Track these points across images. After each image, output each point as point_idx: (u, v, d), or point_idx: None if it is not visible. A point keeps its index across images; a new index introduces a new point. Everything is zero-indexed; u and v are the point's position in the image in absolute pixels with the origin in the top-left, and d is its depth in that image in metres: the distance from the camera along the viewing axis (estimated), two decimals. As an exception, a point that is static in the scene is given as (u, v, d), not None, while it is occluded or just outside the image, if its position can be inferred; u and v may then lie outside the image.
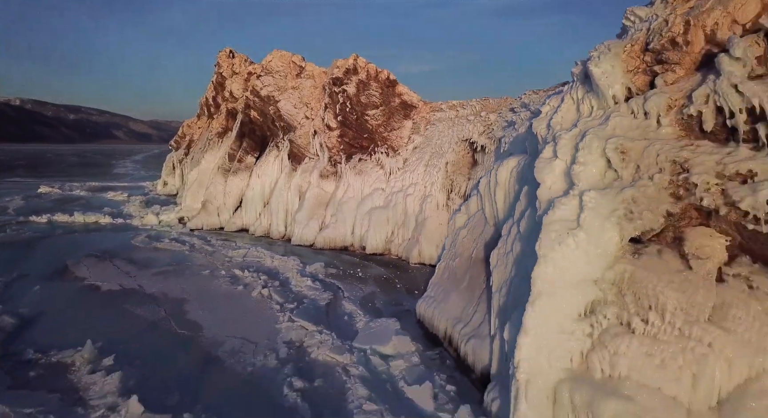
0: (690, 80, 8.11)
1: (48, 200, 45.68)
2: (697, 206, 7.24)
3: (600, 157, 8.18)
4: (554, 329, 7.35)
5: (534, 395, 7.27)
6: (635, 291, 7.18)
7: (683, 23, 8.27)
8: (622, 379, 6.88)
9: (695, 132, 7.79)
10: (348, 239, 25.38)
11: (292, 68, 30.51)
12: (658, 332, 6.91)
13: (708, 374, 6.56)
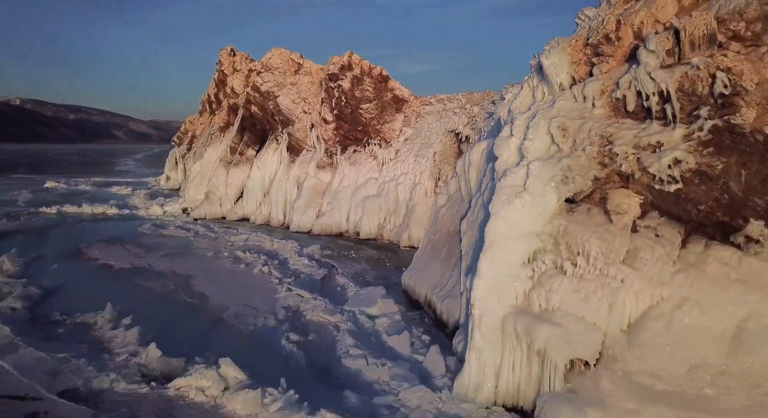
0: (620, 69, 9.70)
1: (55, 194, 47.30)
2: (618, 172, 8.83)
3: (546, 134, 9.77)
4: (503, 273, 8.95)
5: (486, 326, 8.87)
6: (567, 241, 8.78)
7: (615, 22, 9.86)
8: (554, 310, 8.48)
9: (621, 112, 9.38)
10: (343, 226, 27.00)
11: (291, 65, 32.10)
12: (583, 273, 8.51)
13: (620, 304, 8.16)
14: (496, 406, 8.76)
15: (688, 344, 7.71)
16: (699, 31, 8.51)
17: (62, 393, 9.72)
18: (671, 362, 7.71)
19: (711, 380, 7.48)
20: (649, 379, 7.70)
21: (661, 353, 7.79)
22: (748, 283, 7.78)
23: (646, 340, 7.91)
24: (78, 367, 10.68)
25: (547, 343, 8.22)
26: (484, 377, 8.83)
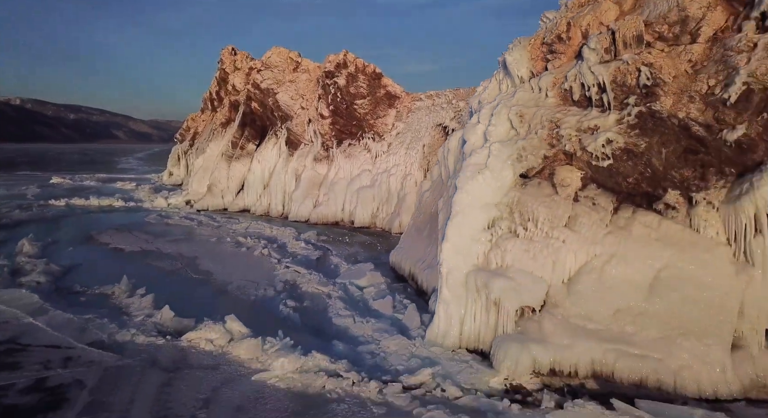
0: (569, 65, 11.28)
1: (61, 189, 48.83)
2: (564, 151, 10.41)
3: (506, 120, 11.35)
4: (466, 238, 10.54)
5: (452, 282, 10.47)
6: (520, 210, 10.36)
7: (566, 24, 11.44)
8: (508, 267, 10.07)
9: (568, 101, 10.97)
10: (338, 215, 28.58)
11: (290, 63, 33.68)
12: (532, 236, 10.10)
13: (561, 261, 9.75)
14: (460, 349, 10.36)
15: (614, 291, 9.31)
16: (630, 33, 10.10)
17: (90, 343, 11.31)
18: (600, 306, 9.31)
19: (631, 319, 9.08)
20: (582, 320, 9.30)
21: (592, 299, 9.39)
22: (664, 241, 9.37)
23: (581, 289, 9.51)
24: (102, 325, 12.28)
25: (502, 294, 9.81)
26: (451, 326, 10.44)
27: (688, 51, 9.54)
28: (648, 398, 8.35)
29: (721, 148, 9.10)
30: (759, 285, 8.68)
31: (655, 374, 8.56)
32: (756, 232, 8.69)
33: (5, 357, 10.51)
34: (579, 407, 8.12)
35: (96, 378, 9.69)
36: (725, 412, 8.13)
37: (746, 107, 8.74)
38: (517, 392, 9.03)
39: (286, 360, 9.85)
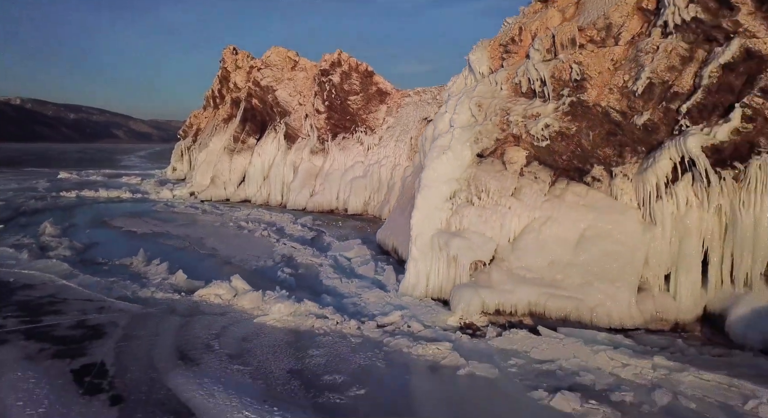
0: (520, 63, 13.40)
1: (70, 183, 50.92)
2: (512, 134, 12.55)
3: (467, 109, 13.47)
4: (432, 206, 12.67)
5: (420, 243, 12.61)
6: (476, 183, 12.50)
7: (518, 28, 13.57)
8: (464, 229, 12.21)
9: (518, 93, 13.10)
10: (333, 203, 30.73)
11: (288, 62, 35.82)
12: (485, 204, 12.24)
13: (507, 224, 11.89)
14: (426, 298, 12.50)
15: (548, 247, 11.45)
16: (566, 36, 12.24)
17: (118, 298, 13.42)
18: (537, 259, 11.45)
19: (561, 269, 11.22)
20: (523, 271, 11.44)
21: (531, 254, 11.53)
22: (589, 206, 11.51)
23: (523, 246, 11.65)
24: (125, 285, 14.41)
25: (459, 251, 11.95)
26: (419, 279, 12.59)
27: (611, 52, 11.67)
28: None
29: (633, 130, 11.24)
30: (660, 241, 10.82)
31: (577, 310, 10.70)
32: (657, 197, 10.82)
33: (49, 306, 12.65)
34: (513, 335, 10.28)
35: (126, 320, 11.82)
36: (629, 337, 10.29)
37: (650, 97, 10.87)
38: (468, 327, 11.17)
39: (282, 306, 11.99)
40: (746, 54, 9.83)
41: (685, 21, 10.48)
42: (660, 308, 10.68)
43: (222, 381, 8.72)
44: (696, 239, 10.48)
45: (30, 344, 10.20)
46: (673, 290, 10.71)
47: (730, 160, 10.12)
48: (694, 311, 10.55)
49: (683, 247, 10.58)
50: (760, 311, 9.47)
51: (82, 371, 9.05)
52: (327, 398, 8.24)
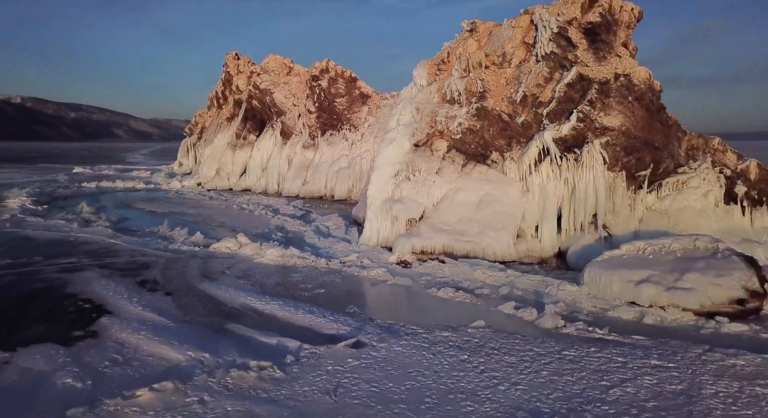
0: (448, 78, 18.38)
1: (86, 176, 55.81)
2: (438, 130, 17.54)
3: (409, 112, 18.44)
4: (382, 182, 17.66)
5: (373, 207, 17.61)
6: (412, 165, 17.48)
7: (447, 52, 18.55)
8: (403, 197, 17.19)
9: (445, 100, 18.07)
10: (322, 191, 35.71)
11: (284, 68, 40.79)
12: (417, 179, 17.21)
13: (432, 193, 16.88)
14: (377, 246, 17.48)
15: (458, 208, 16.45)
16: (476, 60, 17.24)
17: (154, 249, 18.42)
18: (450, 216, 16.44)
19: (466, 223, 16.22)
20: (441, 225, 16.44)
21: (447, 213, 16.52)
22: (487, 180, 16.51)
23: (442, 208, 16.65)
24: (157, 242, 19.40)
25: (399, 213, 16.93)
26: (372, 233, 17.59)
27: (504, 72, 16.67)
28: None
29: (516, 127, 16.24)
30: (531, 203, 15.81)
31: (474, 249, 15.70)
32: (530, 173, 15.82)
33: (107, 253, 17.65)
34: (429, 264, 15.27)
35: (163, 260, 16.80)
36: (506, 265, 15.28)
37: (525, 104, 15.86)
38: (402, 262, 16.13)
39: (274, 251, 16.99)
40: (580, 77, 14.85)
41: (547, 53, 15.48)
42: (530, 248, 15.69)
43: (233, 286, 13.72)
44: (553, 201, 15.48)
45: (103, 271, 15.20)
46: (539, 236, 15.72)
47: (571, 147, 15.13)
48: (552, 250, 15.56)
49: (545, 207, 15.59)
50: (585, 247, 14.47)
51: (142, 282, 14.07)
52: (300, 294, 13.23)
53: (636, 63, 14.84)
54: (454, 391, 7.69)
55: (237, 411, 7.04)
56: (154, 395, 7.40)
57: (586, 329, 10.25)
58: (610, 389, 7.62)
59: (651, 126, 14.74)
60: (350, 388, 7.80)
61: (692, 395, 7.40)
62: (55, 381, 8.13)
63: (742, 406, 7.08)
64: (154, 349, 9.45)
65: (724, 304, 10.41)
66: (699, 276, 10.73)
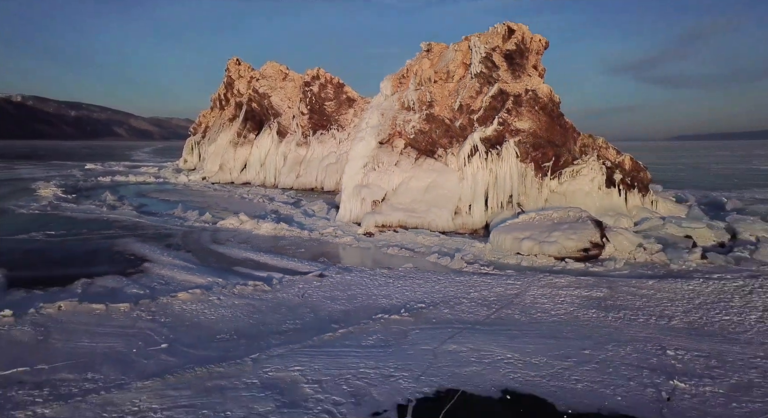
0: (406, 89, 23.06)
1: (98, 172, 60.53)
2: (398, 131, 22.24)
3: (376, 116, 23.13)
4: (354, 171, 22.38)
5: (346, 191, 22.35)
6: (377, 158, 22.18)
7: (407, 68, 23.24)
8: (370, 183, 21.91)
9: (403, 107, 22.76)
10: (313, 183, 40.41)
11: (280, 74, 45.48)
12: (380, 170, 21.92)
13: (392, 180, 21.57)
14: (350, 222, 22.19)
15: (411, 192, 21.15)
16: (427, 75, 21.95)
17: (172, 225, 23.13)
18: (405, 198, 21.16)
19: (417, 203, 20.92)
20: (397, 205, 21.14)
21: (403, 195, 21.22)
22: (434, 170, 21.22)
23: (399, 192, 21.36)
24: (175, 221, 24.11)
25: (366, 195, 21.65)
26: (345, 212, 22.32)
27: (447, 86, 21.37)
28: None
29: (455, 130, 20.95)
30: (466, 188, 20.52)
31: (422, 223, 20.40)
32: (465, 165, 20.52)
33: (135, 227, 22.36)
34: (387, 233, 19.98)
35: (181, 232, 21.51)
36: (446, 235, 19.99)
37: (462, 112, 20.57)
38: (367, 233, 20.83)
39: (268, 225, 21.70)
40: (501, 91, 19.57)
41: (478, 72, 20.19)
42: (464, 222, 20.41)
43: (236, 247, 18.44)
44: (481, 186, 20.18)
45: (137, 238, 19.92)
46: (472, 213, 20.43)
47: (494, 145, 19.85)
48: (480, 223, 20.26)
49: (476, 190, 20.29)
50: (503, 219, 19.17)
51: (168, 245, 18.77)
52: (286, 252, 17.93)
53: (541, 81, 19.53)
54: (376, 295, 12.43)
55: (241, 303, 11.77)
56: (188, 295, 12.11)
57: (479, 268, 14.99)
58: (472, 293, 12.35)
59: (552, 129, 19.43)
60: (312, 294, 12.54)
61: (520, 295, 12.14)
62: (126, 291, 12.85)
63: (547, 299, 11.80)
64: (184, 277, 14.21)
65: (575, 251, 15.14)
66: (561, 234, 15.46)
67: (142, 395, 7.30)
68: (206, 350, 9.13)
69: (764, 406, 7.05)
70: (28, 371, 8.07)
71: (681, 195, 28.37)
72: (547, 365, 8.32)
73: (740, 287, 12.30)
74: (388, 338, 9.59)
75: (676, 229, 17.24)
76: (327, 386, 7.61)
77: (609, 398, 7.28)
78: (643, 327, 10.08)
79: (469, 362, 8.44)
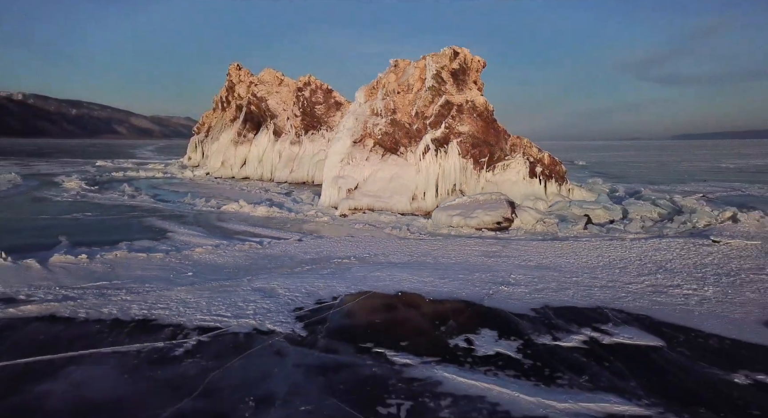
0: (375, 98, 28.09)
1: (111, 168, 65.70)
2: (368, 133, 27.30)
3: (352, 120, 28.17)
4: (333, 165, 27.45)
5: (327, 181, 27.44)
6: (351, 154, 27.25)
7: (377, 81, 28.28)
8: (345, 175, 26.98)
9: (374, 113, 27.81)
10: (305, 178, 45.48)
11: (276, 80, 50.53)
12: (354, 164, 26.98)
13: (363, 172, 26.67)
14: (329, 207, 27.26)
15: (378, 182, 26.23)
16: (392, 87, 27.04)
17: (183, 210, 28.21)
18: (374, 187, 26.23)
19: (382, 191, 26.00)
20: (367, 192, 26.22)
21: (371, 185, 26.29)
22: (397, 164, 26.30)
23: (369, 181, 26.43)
24: (185, 206, 29.20)
25: (342, 184, 26.73)
26: (326, 198, 27.43)
27: (408, 97, 26.45)
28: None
29: (413, 132, 26.02)
30: (422, 179, 25.58)
31: (386, 206, 25.47)
32: (420, 160, 25.58)
33: (154, 210, 27.44)
34: (357, 215, 25.07)
35: (192, 214, 26.59)
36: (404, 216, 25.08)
37: (418, 117, 25.64)
38: (342, 215, 25.88)
39: (263, 208, 26.79)
40: (447, 102, 24.66)
41: (431, 86, 25.28)
42: (419, 206, 25.48)
43: (236, 224, 23.53)
44: (433, 177, 25.26)
45: (157, 217, 25.00)
46: (425, 199, 25.49)
47: (442, 144, 24.94)
48: (432, 207, 25.31)
49: (428, 181, 25.37)
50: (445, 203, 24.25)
51: (183, 222, 23.85)
52: (275, 227, 23.02)
53: (480, 94, 24.58)
54: (338, 251, 17.51)
55: (240, 254, 16.87)
56: (203, 250, 17.20)
57: (419, 236, 20.07)
58: (405, 249, 17.45)
59: (488, 131, 24.47)
60: (291, 250, 17.64)
61: (437, 250, 17.23)
62: (157, 249, 17.93)
63: (454, 252, 16.87)
64: (198, 241, 19.29)
65: (490, 224, 20.23)
66: (482, 211, 20.55)
67: (181, 293, 12.38)
68: (218, 276, 14.20)
69: (554, 293, 12.19)
70: (108, 284, 13.14)
71: (613, 186, 33.49)
72: (431, 282, 13.40)
73: (594, 246, 17.40)
74: (336, 271, 14.68)
75: (578, 209, 22.34)
76: (292, 290, 12.69)
77: (458, 294, 12.39)
78: (508, 265, 15.18)
79: (383, 281, 13.52)
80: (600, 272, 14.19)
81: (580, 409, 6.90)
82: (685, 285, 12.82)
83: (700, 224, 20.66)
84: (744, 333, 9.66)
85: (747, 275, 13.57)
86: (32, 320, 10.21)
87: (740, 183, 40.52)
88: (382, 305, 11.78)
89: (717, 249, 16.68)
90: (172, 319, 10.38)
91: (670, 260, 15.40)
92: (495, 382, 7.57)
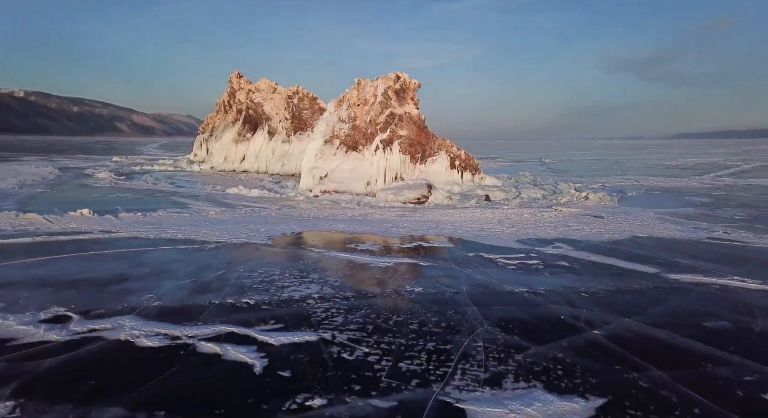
0: (342, 109, 36.98)
1: (126, 163, 74.62)
2: (336, 135, 36.21)
3: (324, 124, 37.06)
4: (309, 158, 36.38)
5: (305, 171, 36.43)
6: (322, 151, 36.15)
7: (342, 96, 37.17)
8: (318, 166, 35.95)
9: (341, 120, 36.68)
10: (294, 171, 54.33)
11: (270, 89, 59.45)
12: (324, 158, 35.91)
13: (330, 164, 35.64)
14: (306, 190, 36.18)
15: (342, 172, 35.17)
16: (353, 100, 36.02)
17: (197, 193, 37.17)
18: (339, 175, 35.16)
19: (344, 178, 34.95)
20: (335, 179, 35.20)
21: (337, 174, 35.23)
22: (356, 159, 35.25)
23: (335, 171, 35.37)
24: (197, 190, 38.17)
25: (315, 173, 35.66)
26: (303, 184, 36.40)
27: (365, 108, 35.39)
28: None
29: (369, 134, 35.01)
30: (375, 170, 34.53)
31: (348, 189, 34.41)
32: (373, 155, 34.54)
33: (175, 193, 36.42)
34: (326, 195, 34.05)
35: (203, 195, 35.55)
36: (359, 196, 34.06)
37: (371, 124, 34.57)
38: (315, 196, 34.79)
39: (256, 191, 35.75)
40: (391, 113, 33.68)
41: (381, 101, 34.28)
42: (372, 189, 34.45)
43: (237, 199, 32.53)
44: (382, 168, 34.19)
45: (178, 196, 34.02)
46: (377, 184, 34.43)
47: (388, 144, 33.92)
48: (381, 190, 34.29)
49: (379, 171, 34.31)
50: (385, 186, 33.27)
51: (198, 199, 32.84)
52: (264, 202, 32.01)
53: (415, 107, 33.40)
54: (305, 216, 26.53)
55: (240, 216, 25.89)
56: (214, 212, 26.23)
57: (363, 207, 29.01)
58: (349, 213, 26.47)
59: (421, 135, 33.31)
60: (272, 214, 26.66)
61: (371, 214, 26.23)
62: (184, 215, 26.89)
63: (380, 215, 25.86)
64: (209, 208, 28.28)
65: (413, 199, 29.19)
66: (408, 191, 29.52)
67: (203, 229, 21.36)
68: (224, 224, 23.18)
69: (422, 232, 21.25)
70: (159, 226, 22.12)
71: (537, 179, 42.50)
72: (354, 228, 22.35)
73: (472, 212, 26.37)
74: (299, 222, 23.64)
75: (481, 191, 31.34)
76: (269, 228, 21.68)
77: (364, 231, 21.38)
78: (407, 221, 24.13)
79: (326, 226, 22.51)
80: (459, 224, 23.19)
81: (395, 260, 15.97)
82: (498, 227, 21.85)
83: (563, 200, 29.68)
84: (503, 242, 18.65)
85: (526, 223, 22.58)
86: (124, 238, 19.21)
87: (646, 177, 49.54)
88: (321, 235, 20.79)
89: (553, 214, 25.67)
90: (200, 238, 19.38)
91: (512, 218, 24.39)
92: (359, 256, 16.57)
